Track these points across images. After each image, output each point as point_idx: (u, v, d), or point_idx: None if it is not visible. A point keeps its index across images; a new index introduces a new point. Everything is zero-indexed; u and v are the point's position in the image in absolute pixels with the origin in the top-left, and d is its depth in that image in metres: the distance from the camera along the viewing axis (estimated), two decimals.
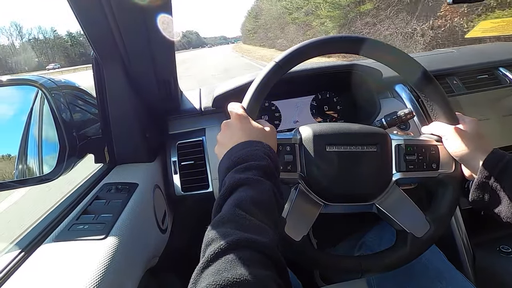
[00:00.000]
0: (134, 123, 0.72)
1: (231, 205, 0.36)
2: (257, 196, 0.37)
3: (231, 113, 0.51)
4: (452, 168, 0.55)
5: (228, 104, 0.54)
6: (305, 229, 0.52)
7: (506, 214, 0.47)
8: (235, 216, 0.34)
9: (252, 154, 0.43)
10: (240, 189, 0.38)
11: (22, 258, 0.46)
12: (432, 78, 0.54)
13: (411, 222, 0.54)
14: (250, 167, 0.41)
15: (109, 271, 0.43)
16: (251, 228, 0.33)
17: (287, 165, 0.53)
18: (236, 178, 0.40)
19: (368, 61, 0.91)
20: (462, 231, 0.82)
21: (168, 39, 0.60)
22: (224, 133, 0.50)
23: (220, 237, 0.31)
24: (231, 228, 0.32)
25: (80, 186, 0.66)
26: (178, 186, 0.79)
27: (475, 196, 0.50)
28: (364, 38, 0.54)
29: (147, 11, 0.55)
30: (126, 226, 0.53)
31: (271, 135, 0.50)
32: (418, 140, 0.57)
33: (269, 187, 0.40)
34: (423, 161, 0.55)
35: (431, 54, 1.13)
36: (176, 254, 0.78)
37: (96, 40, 0.61)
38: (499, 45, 1.33)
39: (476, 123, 0.54)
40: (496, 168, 0.48)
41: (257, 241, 0.31)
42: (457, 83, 0.92)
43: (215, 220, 0.35)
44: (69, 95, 0.65)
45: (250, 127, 0.48)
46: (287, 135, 0.55)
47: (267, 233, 0.33)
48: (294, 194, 0.53)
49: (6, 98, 0.65)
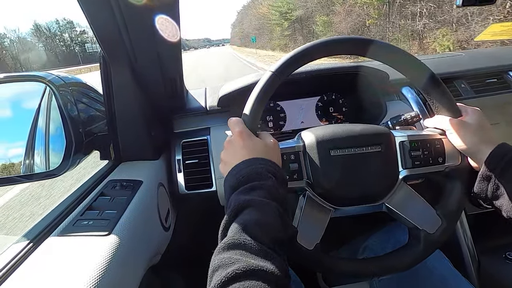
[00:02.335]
0: (139, 120, 0.72)
1: (236, 229, 0.36)
2: (262, 218, 0.37)
3: (232, 130, 0.50)
4: (459, 161, 0.55)
5: (230, 112, 0.53)
6: (318, 237, 0.52)
7: (506, 208, 0.48)
8: (241, 241, 0.34)
9: (256, 172, 0.43)
10: (245, 211, 0.38)
11: (28, 251, 0.47)
12: (440, 81, 0.54)
13: (422, 218, 0.54)
14: (254, 187, 0.41)
15: (112, 267, 0.43)
16: (257, 254, 0.33)
17: (293, 174, 0.52)
18: (241, 200, 0.39)
19: (375, 63, 0.91)
20: (468, 237, 0.81)
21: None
22: (227, 151, 0.50)
23: (227, 264, 0.31)
24: (237, 254, 0.33)
25: (86, 182, 0.67)
26: (182, 185, 0.80)
27: (478, 189, 0.51)
28: (372, 40, 0.53)
29: (154, 10, 0.55)
30: (130, 223, 0.53)
31: (274, 149, 0.50)
32: (422, 135, 0.56)
33: (274, 209, 0.39)
34: (428, 156, 0.54)
35: (439, 57, 1.12)
36: (179, 252, 0.79)
37: (104, 39, 0.61)
38: (508, 49, 1.31)
39: (479, 114, 0.54)
40: (500, 162, 0.48)
41: (263, 269, 0.31)
42: (465, 87, 0.91)
43: (221, 245, 0.35)
44: (76, 92, 0.66)
45: (252, 143, 0.48)
46: (290, 143, 0.54)
47: (274, 259, 0.33)
48: (303, 202, 0.53)
49: (15, 94, 0.66)
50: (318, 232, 0.53)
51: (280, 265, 0.33)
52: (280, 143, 0.53)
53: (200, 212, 0.95)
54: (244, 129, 0.49)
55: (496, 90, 0.91)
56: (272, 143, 0.50)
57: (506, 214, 0.48)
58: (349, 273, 0.54)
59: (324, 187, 0.52)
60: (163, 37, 0.60)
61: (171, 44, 0.62)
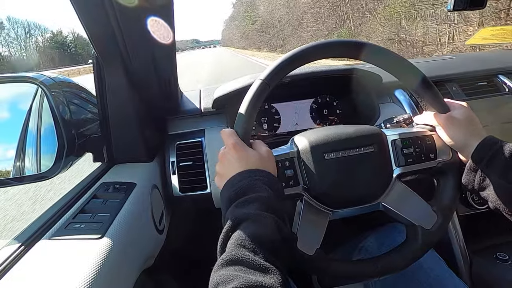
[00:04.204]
0: (133, 122, 0.72)
1: (234, 245, 0.36)
2: (259, 232, 0.37)
3: (225, 142, 0.50)
4: (450, 156, 0.56)
5: (224, 130, 0.52)
6: (318, 242, 0.52)
7: (492, 199, 0.49)
8: (239, 257, 0.34)
9: (252, 185, 0.43)
10: (242, 225, 0.38)
11: (19, 254, 0.46)
12: (431, 84, 0.55)
13: (418, 214, 0.54)
14: (250, 200, 0.41)
15: (104, 270, 0.43)
16: (256, 269, 0.33)
17: (289, 180, 0.52)
18: (238, 213, 0.40)
19: (368, 66, 0.92)
20: (460, 238, 0.82)
21: None
22: (222, 164, 0.50)
23: (226, 281, 0.31)
24: (236, 271, 0.32)
25: (78, 185, 0.66)
26: (176, 187, 0.79)
27: (465, 180, 0.52)
28: (364, 43, 0.54)
29: (148, 10, 0.55)
30: (123, 226, 0.53)
31: (269, 158, 0.50)
32: (412, 133, 0.57)
33: (271, 220, 0.39)
34: (420, 152, 0.55)
35: (431, 60, 1.14)
36: (173, 255, 0.78)
37: (97, 39, 0.61)
38: (499, 53, 1.34)
39: (465, 109, 0.55)
40: (488, 153, 0.49)
41: (262, 284, 0.31)
42: (456, 90, 0.92)
43: (220, 261, 0.34)
44: (69, 93, 0.65)
45: (246, 155, 0.48)
46: (283, 149, 0.55)
47: (273, 272, 0.33)
48: (301, 207, 0.53)
49: (6, 95, 0.65)
50: (318, 236, 0.53)
51: (280, 278, 0.33)
52: (274, 150, 0.53)
53: (194, 214, 0.95)
54: (238, 140, 0.49)
55: (487, 93, 0.93)
56: (266, 153, 0.50)
57: (492, 205, 0.50)
58: (355, 276, 0.54)
59: (320, 191, 0.53)
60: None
61: (165, 45, 0.62)
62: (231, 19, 50.29)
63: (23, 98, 0.64)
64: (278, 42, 27.09)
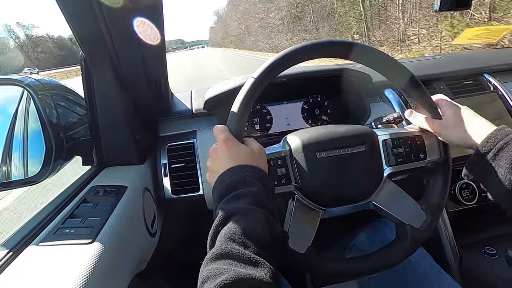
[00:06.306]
0: (123, 124, 0.71)
1: (224, 239, 0.36)
2: (249, 226, 0.37)
3: (217, 138, 0.50)
4: (439, 155, 0.57)
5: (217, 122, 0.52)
6: (309, 240, 0.53)
7: (495, 191, 0.49)
8: (229, 251, 0.34)
9: (242, 180, 0.43)
10: (232, 219, 0.38)
11: (6, 261, 0.44)
12: (419, 83, 0.56)
13: (408, 213, 0.55)
14: (241, 195, 0.41)
15: (95, 276, 0.42)
16: (246, 262, 0.33)
17: (281, 179, 0.52)
18: (228, 208, 0.40)
19: (358, 66, 0.93)
20: (449, 233, 0.83)
21: None
22: (213, 159, 0.50)
23: (216, 274, 0.31)
24: (226, 264, 0.32)
25: (67, 189, 0.65)
26: (168, 189, 0.78)
27: (465, 172, 0.52)
28: (354, 43, 0.54)
29: (136, 11, 0.54)
30: (114, 230, 0.52)
31: (260, 155, 0.50)
32: (403, 133, 0.58)
33: (261, 215, 0.39)
34: (410, 152, 0.56)
35: (419, 60, 1.16)
36: (165, 258, 0.77)
37: (85, 40, 0.60)
38: (484, 52, 1.37)
39: (455, 109, 0.54)
40: (493, 147, 0.48)
41: (252, 277, 0.31)
42: (443, 88, 0.94)
43: (209, 256, 0.34)
44: (56, 95, 0.64)
45: (237, 151, 0.48)
46: (276, 148, 0.55)
47: (263, 265, 0.33)
48: (293, 206, 0.53)
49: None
50: (309, 235, 0.53)
51: (270, 271, 0.33)
52: (266, 148, 0.54)
53: (187, 216, 0.94)
54: (229, 136, 0.49)
55: (472, 91, 0.95)
56: (257, 149, 0.50)
57: (494, 197, 0.50)
58: (348, 274, 0.55)
59: (312, 189, 0.53)
60: None
61: (155, 46, 0.62)
62: (223, 11, 44.01)
63: (8, 101, 0.62)
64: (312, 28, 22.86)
